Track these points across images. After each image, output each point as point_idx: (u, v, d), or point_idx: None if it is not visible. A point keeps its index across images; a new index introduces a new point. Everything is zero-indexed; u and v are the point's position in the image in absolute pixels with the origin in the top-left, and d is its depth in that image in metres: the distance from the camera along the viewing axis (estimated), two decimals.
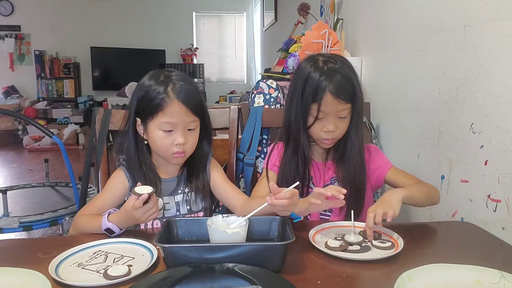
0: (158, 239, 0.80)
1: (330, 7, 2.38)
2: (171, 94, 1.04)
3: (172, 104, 1.03)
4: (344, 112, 1.09)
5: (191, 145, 1.09)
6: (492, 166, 1.05)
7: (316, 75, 1.07)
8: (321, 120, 1.10)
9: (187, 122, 1.06)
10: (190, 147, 1.09)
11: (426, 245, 0.94)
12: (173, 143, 1.05)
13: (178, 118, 1.04)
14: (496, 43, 1.03)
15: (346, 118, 1.10)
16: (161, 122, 1.05)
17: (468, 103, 1.14)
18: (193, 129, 1.08)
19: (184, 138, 1.06)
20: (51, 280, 0.74)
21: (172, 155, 1.08)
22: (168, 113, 1.04)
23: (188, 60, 6.98)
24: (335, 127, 1.09)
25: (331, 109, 1.08)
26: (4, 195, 2.60)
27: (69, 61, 6.61)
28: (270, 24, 5.07)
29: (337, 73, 1.07)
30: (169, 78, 1.06)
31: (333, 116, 1.09)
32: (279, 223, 0.91)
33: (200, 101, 1.09)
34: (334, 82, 1.06)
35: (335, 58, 1.11)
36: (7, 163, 5.13)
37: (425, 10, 1.36)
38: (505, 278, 0.72)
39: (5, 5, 6.46)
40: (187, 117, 1.05)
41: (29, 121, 2.92)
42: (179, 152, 1.07)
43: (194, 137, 1.09)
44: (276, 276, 0.74)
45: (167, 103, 1.03)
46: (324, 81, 1.06)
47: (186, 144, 1.06)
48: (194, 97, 1.06)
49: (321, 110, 1.08)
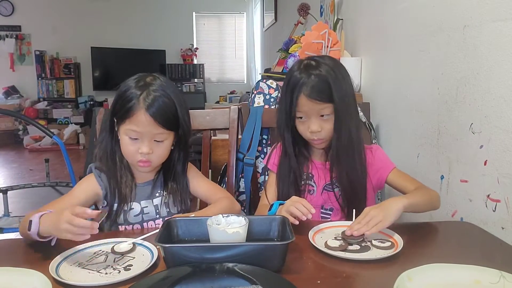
0: (158, 239, 0.80)
1: (330, 7, 2.38)
2: (141, 103, 1.01)
3: (139, 114, 1.01)
4: (325, 111, 1.08)
5: (158, 156, 1.07)
6: (492, 166, 1.05)
7: (294, 76, 1.09)
8: (305, 121, 1.11)
9: (154, 134, 1.03)
10: (157, 158, 1.07)
11: (426, 245, 0.94)
12: (138, 151, 1.04)
13: (144, 128, 1.02)
14: (496, 43, 1.03)
15: (331, 118, 1.10)
16: (127, 128, 1.03)
17: (467, 103, 1.14)
18: (162, 141, 1.06)
19: (149, 148, 1.03)
20: (51, 280, 0.74)
21: (137, 163, 1.06)
22: (134, 121, 1.02)
23: (188, 60, 6.99)
24: (319, 127, 1.09)
25: (308, 109, 1.08)
26: (5, 195, 2.60)
27: (69, 61, 6.62)
28: (270, 24, 5.07)
29: (312, 73, 1.08)
30: (148, 86, 1.04)
31: (315, 116, 1.09)
32: (279, 223, 0.91)
33: (173, 115, 1.05)
34: (308, 83, 1.07)
35: (319, 59, 1.11)
36: (7, 163, 5.13)
37: (425, 10, 1.36)
38: (505, 278, 0.72)
39: (6, 5, 6.47)
40: (154, 129, 1.02)
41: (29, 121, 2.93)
42: (143, 161, 1.05)
43: (163, 149, 1.07)
44: (276, 276, 0.74)
45: (134, 111, 1.01)
46: (299, 83, 1.08)
47: (151, 154, 1.04)
48: (166, 110, 1.03)
49: (300, 111, 1.09)
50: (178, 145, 1.12)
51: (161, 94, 1.04)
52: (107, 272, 0.79)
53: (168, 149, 1.09)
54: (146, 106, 1.01)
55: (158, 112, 1.02)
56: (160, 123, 1.02)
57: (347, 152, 1.11)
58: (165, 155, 1.09)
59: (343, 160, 1.12)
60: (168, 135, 1.06)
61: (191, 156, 1.18)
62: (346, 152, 1.11)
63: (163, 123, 1.03)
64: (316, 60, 1.11)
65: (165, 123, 1.03)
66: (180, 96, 1.09)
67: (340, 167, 1.13)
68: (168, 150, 1.09)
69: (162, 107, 1.03)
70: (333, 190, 1.17)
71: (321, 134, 1.11)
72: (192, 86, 6.94)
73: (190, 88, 6.92)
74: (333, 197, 1.17)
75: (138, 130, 1.02)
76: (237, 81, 7.33)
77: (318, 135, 1.11)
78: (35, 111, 6.37)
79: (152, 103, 1.02)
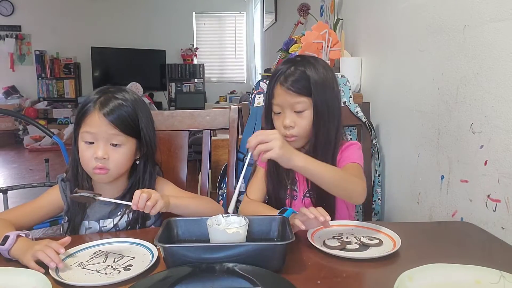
0: (158, 239, 0.80)
1: (330, 7, 2.38)
2: (96, 104, 1.01)
3: (93, 114, 1.00)
4: (299, 106, 1.06)
5: (115, 162, 1.02)
6: (492, 166, 1.05)
7: (276, 68, 1.08)
8: (280, 115, 1.08)
9: (109, 135, 1.00)
10: (114, 165, 1.02)
11: (426, 245, 0.94)
12: (93, 156, 1.00)
13: (98, 128, 0.99)
14: (496, 43, 1.03)
15: (305, 114, 1.06)
16: (83, 131, 1.01)
17: (468, 103, 1.14)
18: (118, 145, 1.02)
19: (104, 152, 1.00)
20: (51, 280, 0.74)
21: (93, 170, 1.01)
22: (88, 122, 1.00)
23: (188, 60, 6.99)
24: (292, 122, 1.06)
25: (282, 101, 1.06)
26: (5, 195, 2.60)
27: (69, 61, 6.63)
28: (270, 24, 5.07)
29: (292, 65, 1.06)
30: (107, 91, 1.04)
31: (289, 110, 1.07)
32: (279, 223, 0.91)
33: (130, 118, 1.02)
34: (287, 73, 1.05)
35: (306, 56, 1.10)
36: (7, 163, 5.13)
37: (425, 10, 1.36)
38: (505, 278, 0.72)
39: (6, 5, 6.47)
40: (108, 130, 1.00)
41: (29, 121, 2.93)
42: (99, 167, 1.00)
43: (120, 154, 1.02)
44: (276, 276, 0.74)
45: (89, 112, 1.00)
46: (278, 73, 1.06)
47: (107, 159, 1.00)
48: (122, 112, 1.01)
49: (276, 103, 1.07)
50: (142, 159, 1.08)
51: (120, 98, 1.02)
52: (107, 272, 0.79)
53: (126, 157, 1.04)
54: (100, 106, 1.00)
55: (112, 112, 1.00)
56: (114, 123, 1.00)
57: (323, 153, 1.07)
58: (123, 163, 1.04)
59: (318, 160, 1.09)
60: (125, 140, 1.03)
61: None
62: (322, 153, 1.07)
63: (118, 123, 1.00)
64: (303, 56, 1.10)
65: (120, 123, 1.01)
66: (144, 108, 1.07)
67: None
68: (126, 158, 1.04)
69: (117, 107, 1.01)
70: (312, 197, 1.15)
71: (294, 130, 1.07)
72: (192, 86, 6.94)
73: (190, 88, 6.92)
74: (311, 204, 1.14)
75: (92, 131, 1.00)
76: (237, 81, 7.33)
77: (291, 131, 1.07)
78: (35, 111, 6.37)
79: (107, 103, 1.00)
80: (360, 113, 1.60)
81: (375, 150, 1.64)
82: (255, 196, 1.17)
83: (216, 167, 1.67)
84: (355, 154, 1.14)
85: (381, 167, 1.67)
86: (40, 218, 1.07)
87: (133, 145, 1.05)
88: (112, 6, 6.67)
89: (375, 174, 1.65)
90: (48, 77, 6.62)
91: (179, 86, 6.85)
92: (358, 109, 1.60)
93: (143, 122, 1.05)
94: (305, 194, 1.16)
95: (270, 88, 1.09)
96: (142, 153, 1.08)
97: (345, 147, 1.15)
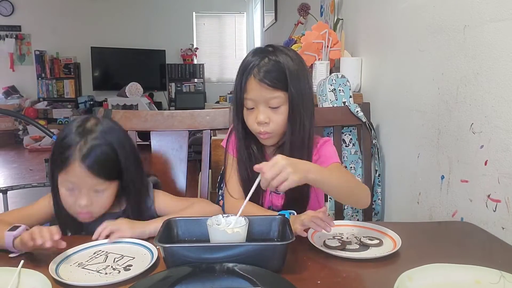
0: (158, 239, 0.80)
1: (330, 7, 2.38)
2: (76, 153, 0.95)
3: (74, 166, 0.95)
4: (275, 101, 1.00)
5: (99, 207, 1.01)
6: (492, 166, 1.05)
7: (247, 60, 1.02)
8: (253, 111, 1.03)
9: (92, 185, 0.97)
10: (98, 209, 1.01)
11: (426, 245, 0.94)
12: (76, 203, 0.98)
13: (80, 180, 0.96)
14: (496, 43, 1.03)
15: (281, 110, 1.01)
16: (63, 179, 0.98)
17: (468, 103, 1.14)
18: (102, 191, 0.99)
19: (87, 200, 0.97)
20: (51, 280, 0.74)
21: (78, 214, 1.00)
22: (70, 172, 0.96)
23: (188, 60, 6.99)
24: (266, 118, 1.01)
25: (257, 95, 1.00)
26: (5, 195, 2.59)
27: (69, 61, 6.62)
28: (270, 24, 5.07)
29: (266, 56, 1.00)
30: (87, 133, 0.97)
31: (264, 105, 1.01)
32: (279, 223, 0.91)
33: (113, 164, 0.99)
34: (260, 65, 0.99)
35: (277, 46, 1.04)
36: (7, 163, 5.13)
37: (425, 10, 1.36)
38: (505, 278, 0.72)
39: (6, 6, 6.46)
40: (91, 180, 0.96)
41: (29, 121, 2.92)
42: (83, 213, 0.99)
43: (104, 199, 1.01)
44: (276, 276, 0.74)
45: (69, 162, 0.95)
46: (250, 65, 1.00)
47: (90, 206, 0.99)
48: (104, 160, 0.97)
49: (249, 98, 1.01)
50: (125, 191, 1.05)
51: (100, 142, 0.97)
52: (107, 272, 0.79)
53: (110, 199, 1.03)
54: (81, 157, 0.95)
55: (94, 163, 0.95)
56: (98, 175, 0.96)
57: (299, 150, 1.04)
58: (107, 205, 1.03)
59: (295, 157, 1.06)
60: (109, 185, 1.00)
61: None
62: (298, 150, 1.04)
63: (101, 174, 0.97)
64: (274, 46, 1.04)
65: (103, 173, 0.97)
66: (125, 141, 1.03)
67: None
68: (110, 199, 1.03)
69: (99, 157, 0.96)
70: (279, 193, 1.13)
71: (268, 126, 1.02)
72: (192, 86, 6.94)
73: (190, 88, 6.92)
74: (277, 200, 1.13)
75: (73, 180, 0.96)
76: None
77: (265, 128, 1.02)
78: (35, 111, 6.37)
79: (88, 153, 0.95)
80: (360, 113, 1.59)
81: (375, 150, 1.64)
82: (239, 194, 1.12)
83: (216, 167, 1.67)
84: (332, 152, 1.11)
85: (381, 167, 1.67)
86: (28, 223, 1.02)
87: (116, 186, 1.03)
88: (112, 6, 6.67)
89: (375, 174, 1.65)
90: (48, 77, 6.62)
91: (179, 86, 6.84)
92: (358, 109, 1.60)
93: (124, 162, 1.01)
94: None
95: (242, 82, 1.01)
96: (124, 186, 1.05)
97: (320, 145, 1.12)
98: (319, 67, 1.94)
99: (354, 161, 1.67)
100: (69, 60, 6.62)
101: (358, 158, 1.67)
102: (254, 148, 1.10)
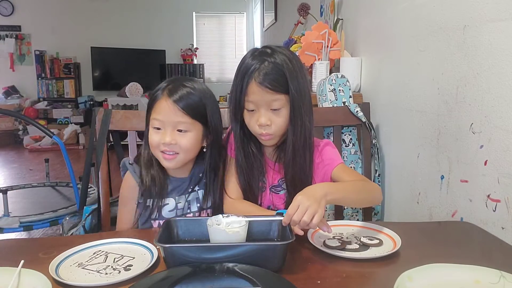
0: (158, 239, 0.80)
1: (330, 7, 2.38)
2: (165, 91, 1.05)
3: (162, 101, 1.04)
4: (276, 104, 1.01)
5: (184, 147, 1.04)
6: (492, 166, 1.05)
7: (246, 63, 1.03)
8: (254, 113, 1.04)
9: (176, 122, 1.03)
10: (183, 150, 1.05)
11: (426, 245, 0.94)
12: (161, 141, 1.04)
13: (165, 115, 1.03)
14: (496, 43, 1.03)
15: (282, 112, 1.02)
16: (152, 118, 1.06)
17: (467, 103, 1.14)
18: (185, 131, 1.04)
19: (171, 138, 1.03)
20: (51, 280, 0.74)
21: (162, 155, 1.06)
22: (157, 109, 1.04)
23: (188, 60, 6.98)
24: (268, 120, 1.02)
25: (258, 99, 1.01)
26: (5, 195, 2.59)
27: (69, 61, 6.62)
28: (270, 24, 5.07)
29: (266, 60, 1.01)
30: (176, 79, 1.08)
31: (265, 108, 1.02)
32: (279, 223, 0.91)
33: (197, 104, 1.05)
34: (261, 69, 1.00)
35: (275, 47, 1.05)
36: (7, 163, 5.13)
37: (425, 10, 1.36)
38: (505, 278, 0.72)
39: (6, 5, 6.46)
40: (175, 116, 1.03)
41: (29, 121, 2.93)
42: (167, 152, 1.04)
43: (187, 139, 1.04)
44: (276, 276, 0.74)
45: (157, 98, 1.05)
46: (250, 69, 1.01)
47: (174, 144, 1.03)
48: (189, 98, 1.04)
49: (250, 101, 1.02)
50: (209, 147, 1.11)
51: (188, 86, 1.06)
52: (107, 272, 0.79)
53: (193, 143, 1.06)
54: (168, 93, 1.04)
55: (179, 99, 1.03)
56: (182, 109, 1.02)
57: (301, 150, 1.06)
58: (190, 148, 1.06)
59: (289, 162, 1.07)
60: (192, 127, 1.05)
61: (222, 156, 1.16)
62: (301, 150, 1.06)
63: (184, 109, 1.03)
64: (272, 48, 1.05)
65: (187, 109, 1.03)
66: (211, 98, 1.11)
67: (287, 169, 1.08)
68: (193, 143, 1.06)
69: (184, 95, 1.04)
70: (279, 193, 1.14)
71: (270, 128, 1.03)
72: None
73: None
74: (278, 200, 1.14)
75: (160, 118, 1.04)
76: None
77: (267, 129, 1.03)
78: (35, 111, 6.37)
79: (175, 90, 1.04)
80: (360, 113, 1.60)
81: (375, 150, 1.64)
82: (237, 194, 1.13)
83: None
84: (335, 154, 1.14)
85: (381, 167, 1.67)
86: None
87: (200, 131, 1.07)
88: (112, 6, 6.66)
89: (375, 174, 1.65)
90: (48, 77, 6.61)
91: None
92: (358, 109, 1.60)
93: (209, 109, 1.07)
94: (271, 188, 1.15)
95: (243, 85, 1.02)
96: (209, 140, 1.10)
97: (322, 148, 1.14)
98: (319, 67, 1.94)
99: (354, 161, 1.67)
100: (69, 60, 6.62)
101: (358, 158, 1.67)
102: (253, 148, 1.12)
